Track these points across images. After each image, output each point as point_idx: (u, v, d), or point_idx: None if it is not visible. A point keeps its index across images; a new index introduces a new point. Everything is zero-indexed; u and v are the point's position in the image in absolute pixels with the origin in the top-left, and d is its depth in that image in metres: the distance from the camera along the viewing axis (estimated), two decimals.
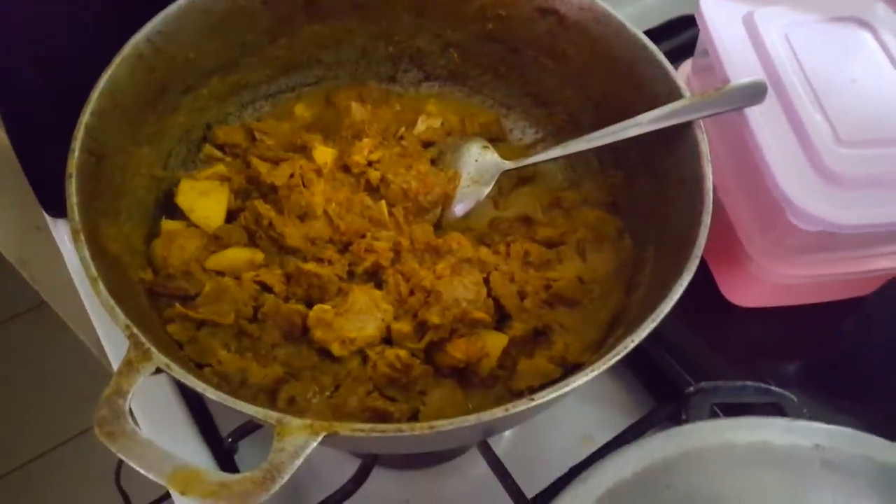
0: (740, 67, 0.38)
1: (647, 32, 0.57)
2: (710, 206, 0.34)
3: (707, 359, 0.43)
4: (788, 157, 0.35)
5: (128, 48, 0.38)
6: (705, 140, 0.36)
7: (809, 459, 0.30)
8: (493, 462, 0.41)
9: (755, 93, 0.36)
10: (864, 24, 0.40)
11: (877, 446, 0.30)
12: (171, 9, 0.40)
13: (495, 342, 0.38)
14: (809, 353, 0.45)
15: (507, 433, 0.47)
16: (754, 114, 0.36)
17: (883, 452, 0.30)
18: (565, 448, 0.45)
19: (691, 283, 0.46)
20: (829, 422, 0.31)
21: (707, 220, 0.34)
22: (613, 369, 0.48)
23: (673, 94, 0.38)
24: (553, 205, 0.46)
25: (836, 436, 0.30)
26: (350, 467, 0.41)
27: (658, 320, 0.31)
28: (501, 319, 0.40)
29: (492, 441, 0.44)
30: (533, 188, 0.48)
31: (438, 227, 0.44)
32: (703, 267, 0.46)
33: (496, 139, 0.49)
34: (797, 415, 0.33)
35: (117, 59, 0.38)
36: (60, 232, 0.51)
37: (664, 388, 0.43)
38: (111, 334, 0.47)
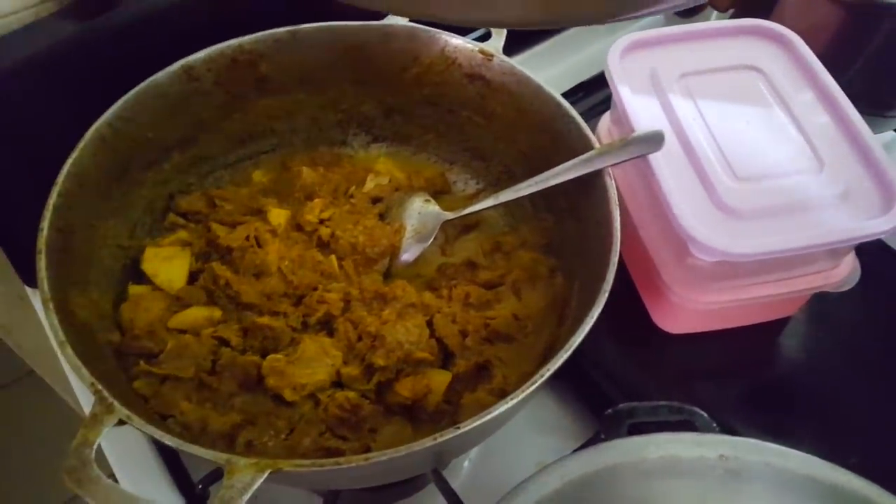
0: (644, 118, 0.42)
1: (575, 88, 0.63)
2: (618, 244, 0.38)
3: (645, 385, 0.46)
4: (689, 195, 0.39)
5: (90, 133, 0.42)
6: (613, 185, 0.40)
7: (714, 468, 0.33)
8: (448, 494, 0.44)
9: (654, 141, 0.40)
10: (756, 69, 0.45)
11: (774, 453, 0.33)
12: (129, 94, 0.44)
13: (439, 379, 0.41)
14: (739, 374, 0.48)
15: (465, 465, 0.49)
16: (657, 159, 0.40)
17: (780, 459, 0.33)
18: (521, 476, 0.48)
19: (630, 314, 0.50)
20: (747, 436, 0.34)
21: (615, 258, 0.37)
22: (564, 398, 0.51)
23: (585, 145, 0.42)
24: (495, 249, 0.49)
25: (739, 445, 0.33)
26: None
27: (571, 350, 0.35)
28: (446, 358, 0.44)
29: (449, 474, 0.47)
30: (477, 234, 0.51)
31: (388, 276, 0.48)
32: (638, 297, 0.49)
33: (442, 192, 0.53)
34: (707, 429, 0.36)
35: (81, 144, 0.42)
36: (38, 301, 0.55)
37: None
38: (88, 395, 0.50)
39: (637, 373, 0.47)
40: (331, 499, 0.44)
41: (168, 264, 0.45)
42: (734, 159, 0.40)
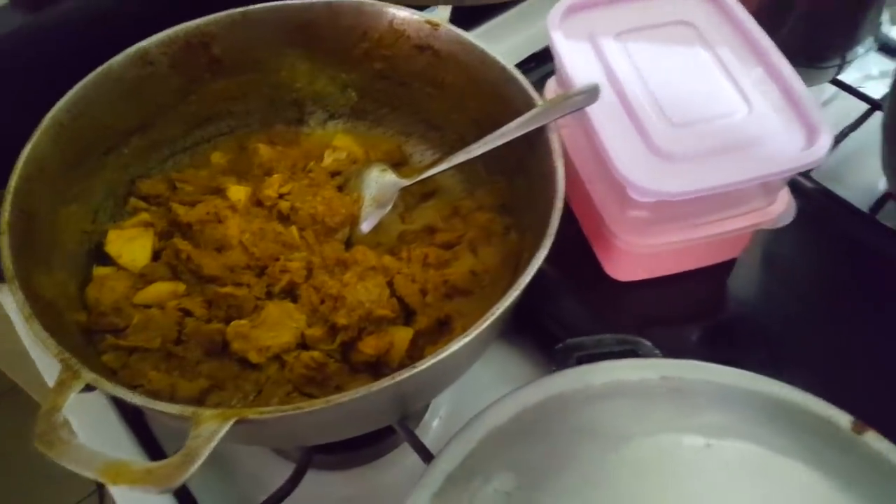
0: (583, 75, 0.44)
1: (528, 59, 0.65)
2: (562, 191, 0.40)
3: (600, 332, 0.48)
4: (626, 142, 0.41)
5: (48, 119, 0.43)
6: (556, 139, 0.42)
7: (657, 387, 0.35)
8: (419, 448, 0.45)
9: (590, 94, 0.42)
10: (688, 24, 0.47)
11: (713, 371, 0.35)
12: (85, 81, 0.45)
13: (402, 335, 0.43)
14: (690, 317, 0.50)
15: (435, 424, 0.51)
16: (595, 111, 0.42)
17: (718, 375, 0.35)
18: None
19: (584, 266, 0.52)
20: None
21: (559, 204, 0.39)
22: (530, 354, 0.53)
23: (529, 104, 0.44)
24: (453, 214, 0.51)
25: (680, 366, 0.36)
26: (288, 471, 0.46)
27: (518, 291, 0.36)
28: (408, 316, 0.45)
29: (420, 432, 0.49)
30: (435, 202, 0.53)
31: (349, 245, 0.49)
32: (591, 250, 0.52)
33: (399, 163, 0.55)
34: (651, 356, 0.38)
35: (39, 130, 0.43)
36: (6, 296, 0.55)
37: None
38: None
39: (593, 322, 0.49)
40: (303, 463, 0.46)
41: (131, 244, 0.46)
42: (668, 107, 0.43)
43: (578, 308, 0.50)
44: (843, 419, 0.35)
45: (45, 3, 0.48)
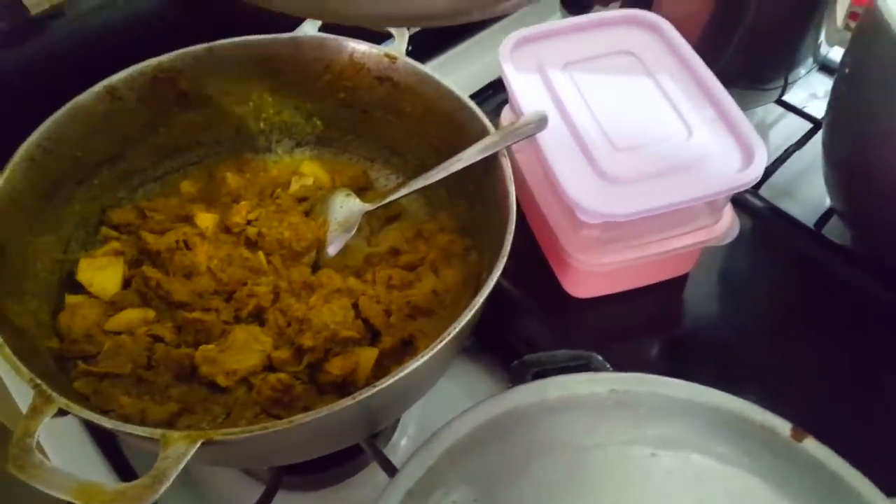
0: (532, 103, 0.47)
1: (485, 87, 0.68)
2: (514, 216, 0.42)
3: (556, 348, 0.51)
4: (574, 167, 0.44)
5: (20, 153, 0.45)
6: (508, 165, 0.44)
7: (605, 400, 0.37)
8: (387, 466, 0.47)
9: (539, 122, 0.45)
10: (631, 54, 0.50)
11: (659, 383, 0.38)
12: (56, 115, 0.47)
13: (367, 355, 0.45)
14: (647, 331, 0.53)
15: (403, 443, 0.53)
16: (544, 138, 0.45)
17: (663, 387, 0.37)
18: None
19: (544, 285, 0.54)
20: None
21: (511, 227, 0.41)
22: (495, 373, 0.55)
23: (483, 132, 0.47)
24: (416, 236, 0.53)
25: (627, 380, 0.38)
26: (259, 491, 0.47)
27: (473, 311, 0.38)
28: (374, 337, 0.47)
29: (389, 452, 0.51)
30: (400, 224, 0.55)
31: (317, 268, 0.51)
32: (551, 271, 0.54)
33: (365, 188, 0.57)
34: (602, 370, 0.40)
35: (11, 164, 0.44)
36: None
37: None
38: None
39: (553, 338, 0.51)
40: (273, 484, 0.47)
41: (102, 273, 0.48)
42: (612, 133, 0.45)
43: (539, 325, 0.53)
44: (783, 426, 0.37)
45: (16, 41, 0.50)
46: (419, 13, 0.39)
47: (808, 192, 0.63)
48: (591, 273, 0.49)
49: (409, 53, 0.53)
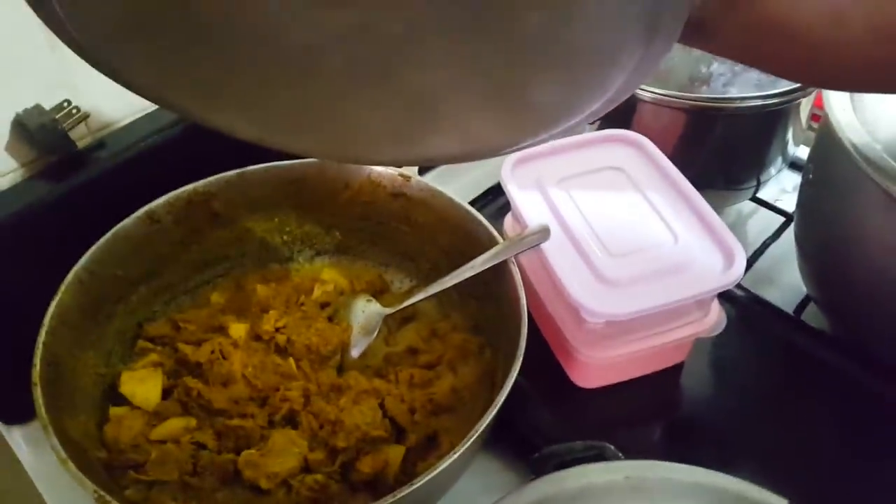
0: (534, 215, 0.53)
1: (485, 193, 0.75)
2: (525, 317, 0.47)
3: (570, 437, 0.55)
4: (575, 272, 0.50)
5: (70, 277, 0.50)
6: (517, 271, 0.50)
7: (622, 488, 0.41)
8: None
9: (542, 233, 0.51)
10: (618, 169, 0.57)
11: (667, 469, 0.42)
12: (100, 242, 0.52)
13: (395, 453, 0.49)
14: (648, 417, 0.57)
15: None
16: (548, 247, 0.51)
17: (671, 472, 0.42)
18: None
19: (552, 377, 0.59)
20: None
21: (524, 329, 0.47)
22: (510, 463, 0.58)
23: (492, 241, 0.53)
24: (431, 335, 0.58)
25: (639, 467, 0.42)
26: None
27: (497, 407, 0.43)
28: (399, 434, 0.51)
29: None
30: (416, 324, 0.60)
31: (341, 369, 0.56)
32: (558, 363, 0.59)
33: (381, 291, 0.63)
34: (615, 459, 0.45)
35: (63, 287, 0.49)
36: (15, 436, 0.59)
37: None
38: None
39: (564, 427, 0.56)
40: None
41: (143, 385, 0.52)
42: (607, 240, 0.52)
43: (550, 416, 0.57)
44: (780, 503, 0.41)
45: (64, 173, 0.56)
46: (433, 157, 0.45)
47: (787, 280, 0.70)
48: (595, 366, 0.54)
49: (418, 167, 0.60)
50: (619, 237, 0.52)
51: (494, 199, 0.72)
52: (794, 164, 0.77)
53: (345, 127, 0.38)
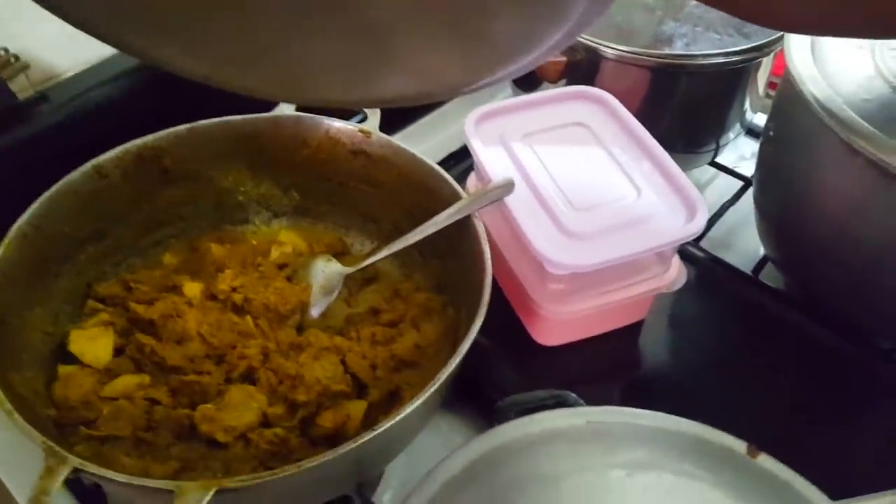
0: (498, 171, 0.54)
1: (449, 157, 0.75)
2: (490, 272, 0.48)
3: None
4: (539, 226, 0.50)
5: (13, 231, 0.48)
6: (481, 226, 0.50)
7: (584, 432, 0.42)
8: None
9: (506, 187, 0.51)
10: (582, 125, 0.58)
11: (629, 413, 0.43)
12: (45, 195, 0.51)
13: (357, 408, 0.49)
14: (609, 374, 0.59)
15: (388, 494, 0.56)
16: (512, 201, 0.51)
17: (634, 417, 0.43)
18: None
19: (515, 336, 0.59)
20: None
21: (489, 284, 0.47)
22: (466, 416, 0.59)
23: (455, 196, 0.53)
24: (393, 295, 0.58)
25: (601, 412, 0.43)
26: None
27: (458, 360, 0.43)
28: (361, 390, 0.51)
29: (376, 501, 0.54)
30: (377, 286, 0.60)
31: (301, 330, 0.55)
32: (520, 321, 0.59)
33: (342, 253, 0.62)
34: (577, 405, 0.46)
35: (5, 242, 0.48)
36: None
37: None
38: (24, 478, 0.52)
39: (525, 386, 0.56)
40: None
41: (93, 343, 0.51)
42: (571, 194, 0.52)
43: (512, 373, 0.58)
44: (739, 445, 0.43)
45: (3, 125, 0.54)
46: (389, 97, 0.45)
47: (744, 243, 0.72)
48: (557, 321, 0.55)
49: (380, 126, 0.59)
50: (583, 192, 0.53)
51: (459, 162, 0.73)
52: (751, 132, 0.80)
53: (293, 62, 0.37)
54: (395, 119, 0.61)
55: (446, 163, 0.73)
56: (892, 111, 0.51)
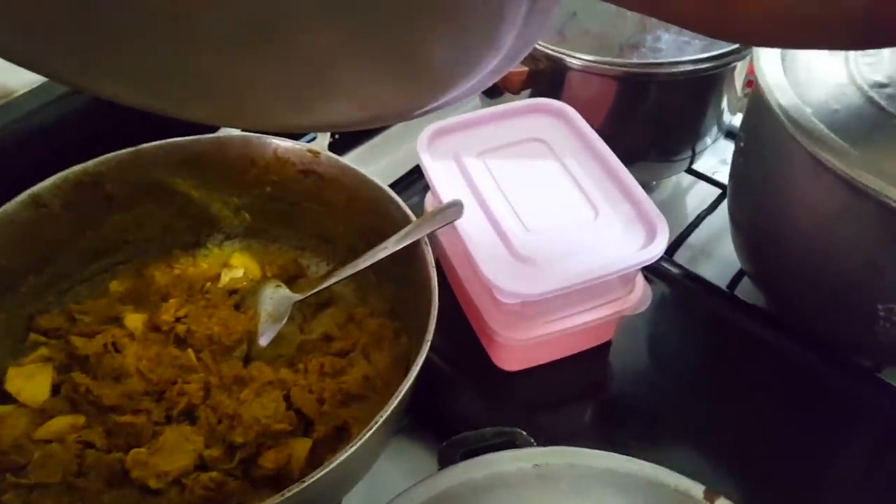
0: (450, 192, 0.52)
1: (410, 172, 0.73)
2: (436, 300, 0.46)
3: (493, 422, 0.54)
4: (490, 250, 0.49)
5: None
6: (429, 251, 0.49)
7: (529, 476, 0.40)
8: None
9: (455, 209, 0.49)
10: (540, 140, 0.56)
11: (577, 455, 0.41)
12: None
13: (300, 447, 0.48)
14: (575, 399, 0.57)
15: None
16: (462, 224, 0.49)
17: (581, 458, 0.41)
18: None
19: (475, 359, 0.58)
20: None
21: (434, 312, 0.45)
22: (428, 443, 0.57)
23: (406, 220, 0.51)
24: (348, 320, 0.57)
25: (548, 454, 0.41)
26: None
27: (399, 398, 0.41)
28: (308, 426, 0.50)
29: None
30: (332, 310, 0.59)
31: (250, 360, 0.54)
32: (481, 345, 0.58)
33: (297, 276, 0.61)
34: (526, 445, 0.44)
35: None
36: None
37: None
38: None
39: (486, 412, 0.55)
40: None
41: (31, 381, 0.49)
42: (525, 216, 0.50)
43: (473, 400, 0.56)
44: (696, 489, 0.41)
45: None
46: (333, 122, 0.43)
47: (722, 254, 0.70)
48: (515, 347, 0.53)
49: (332, 144, 0.57)
50: (538, 213, 0.51)
51: (419, 179, 0.71)
52: (731, 134, 0.77)
53: (232, 90, 0.37)
54: (348, 137, 0.59)
55: (406, 179, 0.71)
56: (865, 123, 0.49)
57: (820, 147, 0.46)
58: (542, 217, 0.51)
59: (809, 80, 0.52)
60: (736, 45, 0.62)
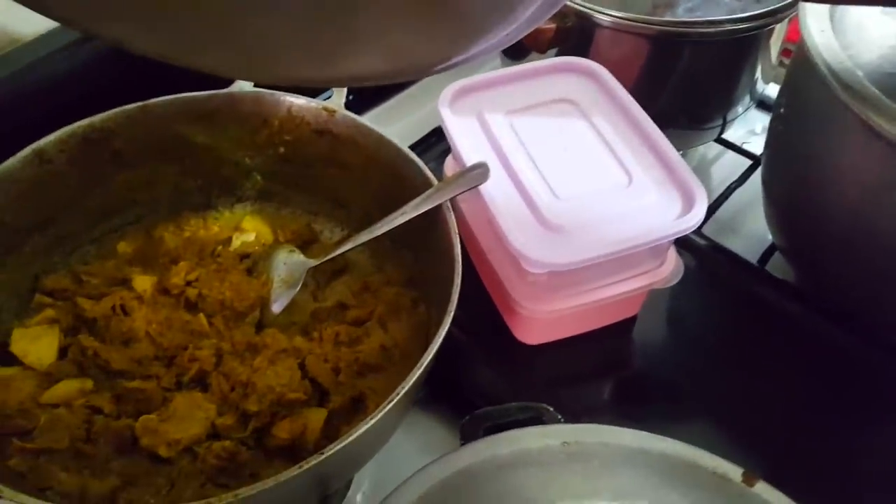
0: (473, 154, 0.49)
1: (429, 135, 0.70)
2: (460, 269, 0.44)
3: (515, 398, 0.52)
4: (517, 217, 0.46)
5: None
6: (452, 217, 0.46)
7: (558, 454, 0.39)
8: None
9: (481, 173, 0.47)
10: (570, 101, 0.53)
11: (609, 433, 0.40)
12: None
13: (316, 417, 0.46)
14: (598, 374, 0.55)
15: (358, 498, 0.53)
16: (487, 189, 0.47)
17: (613, 437, 0.39)
18: None
19: (496, 334, 0.56)
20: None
21: (458, 281, 0.43)
22: (444, 417, 0.56)
23: (426, 183, 0.49)
24: (363, 289, 0.55)
25: (578, 431, 0.40)
26: None
27: (422, 369, 0.40)
28: (322, 396, 0.48)
29: None
30: (347, 278, 0.57)
31: (262, 326, 0.52)
32: (501, 318, 0.56)
33: (310, 241, 0.59)
34: (553, 422, 0.42)
35: None
36: None
37: None
38: None
39: (506, 386, 0.53)
40: None
41: (36, 343, 0.48)
42: (554, 181, 0.48)
43: (492, 374, 0.54)
44: (735, 472, 0.39)
45: None
46: (355, 76, 0.41)
47: (751, 228, 0.67)
48: (539, 320, 0.51)
49: (348, 105, 0.55)
50: (567, 178, 0.48)
51: (438, 143, 0.68)
52: (762, 104, 0.74)
53: (252, 39, 0.34)
54: (365, 96, 0.56)
55: (425, 142, 0.68)
56: None
57: (873, 112, 0.44)
58: (571, 182, 0.48)
59: (860, 40, 0.49)
60: (774, 6, 0.59)
